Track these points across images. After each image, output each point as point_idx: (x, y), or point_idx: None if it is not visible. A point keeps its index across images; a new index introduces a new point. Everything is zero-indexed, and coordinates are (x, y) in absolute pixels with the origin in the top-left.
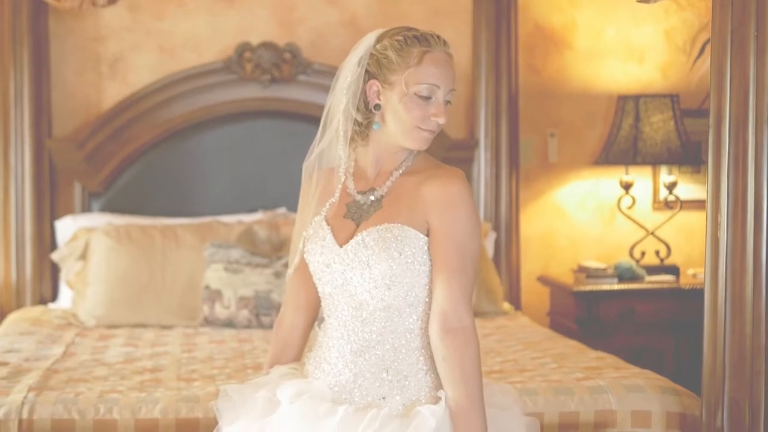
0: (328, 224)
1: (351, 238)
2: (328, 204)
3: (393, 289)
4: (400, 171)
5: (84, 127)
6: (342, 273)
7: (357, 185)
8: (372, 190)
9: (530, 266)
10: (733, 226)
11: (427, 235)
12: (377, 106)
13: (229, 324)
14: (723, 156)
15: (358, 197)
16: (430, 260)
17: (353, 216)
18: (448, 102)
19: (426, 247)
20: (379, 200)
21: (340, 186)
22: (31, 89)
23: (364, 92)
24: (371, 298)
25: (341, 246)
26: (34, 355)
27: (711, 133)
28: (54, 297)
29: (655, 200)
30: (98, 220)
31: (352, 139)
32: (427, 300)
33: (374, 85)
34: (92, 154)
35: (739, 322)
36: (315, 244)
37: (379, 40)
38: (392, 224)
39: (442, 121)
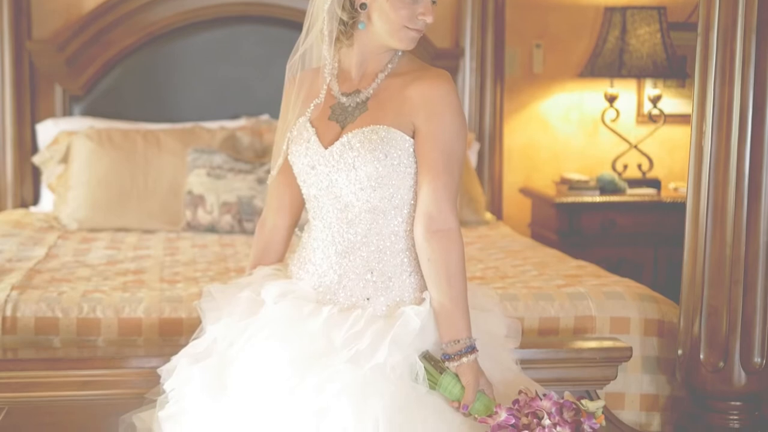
0: (312, 126)
1: (336, 140)
2: (312, 105)
3: (378, 191)
4: (386, 73)
5: (64, 29)
6: (327, 175)
7: (341, 87)
8: (357, 92)
9: (512, 177)
10: (717, 135)
11: (413, 137)
12: (363, 6)
13: (212, 229)
14: (710, 65)
15: (343, 99)
16: (416, 162)
17: (338, 118)
18: (434, 2)
19: (412, 150)
20: (364, 102)
21: (325, 87)
22: None
23: None
24: (357, 200)
25: (326, 148)
26: (17, 256)
27: (699, 41)
28: (35, 200)
29: (639, 113)
30: (79, 123)
31: (337, 39)
32: (413, 202)
33: None
34: (73, 57)
35: (719, 230)
36: (299, 146)
37: None
38: (378, 126)
39: (429, 20)
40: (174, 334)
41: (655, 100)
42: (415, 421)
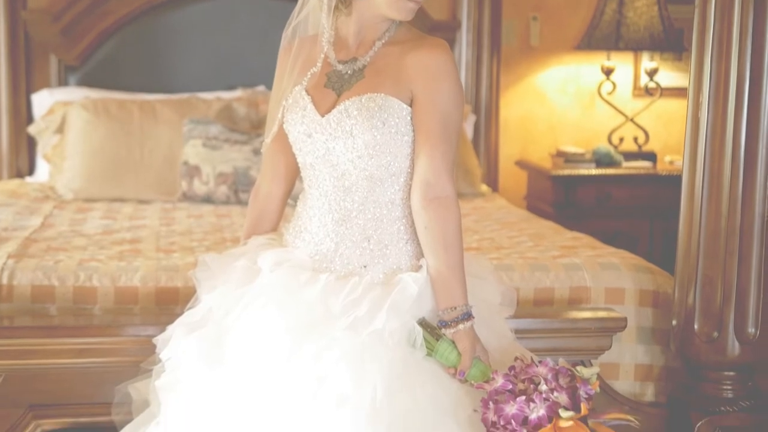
0: (308, 94)
1: (333, 107)
2: (309, 74)
3: (376, 159)
4: (383, 41)
5: None
6: (324, 143)
7: (338, 55)
8: (354, 59)
9: (509, 150)
10: (714, 107)
11: (411, 106)
12: None
13: (208, 200)
14: (707, 37)
15: (340, 67)
16: (413, 131)
17: (334, 86)
18: None
19: (409, 118)
20: (361, 70)
21: (322, 56)
22: None
23: None
24: (354, 168)
25: (323, 116)
26: (12, 225)
27: (696, 14)
28: (31, 171)
29: (636, 87)
30: (75, 93)
31: (336, 7)
32: (409, 171)
33: None
34: (68, 27)
35: (715, 201)
36: (295, 114)
37: None
38: (375, 94)
39: None
40: (170, 302)
41: (651, 73)
42: (413, 386)
